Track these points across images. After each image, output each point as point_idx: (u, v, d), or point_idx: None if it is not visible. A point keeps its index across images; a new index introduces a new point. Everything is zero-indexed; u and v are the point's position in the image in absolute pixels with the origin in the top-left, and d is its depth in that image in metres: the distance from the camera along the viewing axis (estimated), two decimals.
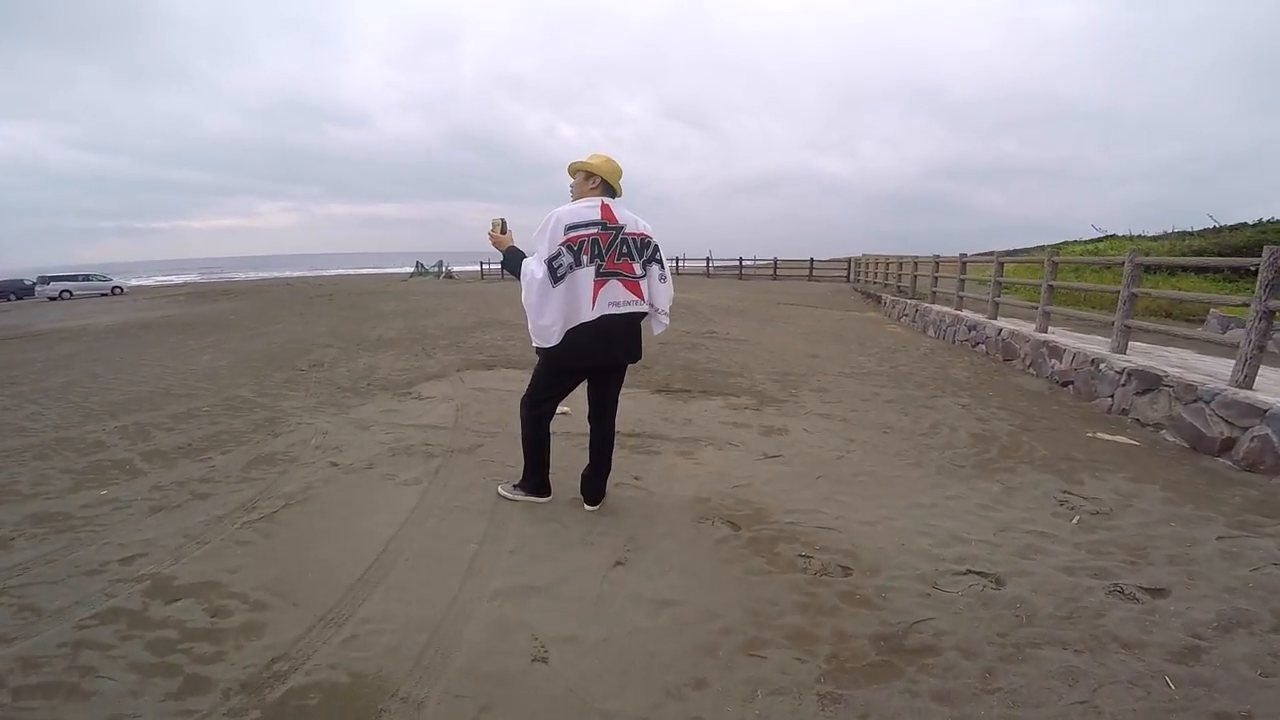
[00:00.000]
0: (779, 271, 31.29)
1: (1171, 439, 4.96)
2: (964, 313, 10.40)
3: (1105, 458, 4.34)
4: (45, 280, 34.01)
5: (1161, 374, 5.28)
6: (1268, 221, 18.19)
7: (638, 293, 2.97)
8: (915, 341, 9.78)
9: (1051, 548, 2.95)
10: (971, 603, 2.47)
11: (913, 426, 4.85)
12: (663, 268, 3.06)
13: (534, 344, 2.92)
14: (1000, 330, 8.42)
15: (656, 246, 3.03)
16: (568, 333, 2.84)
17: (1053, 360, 6.99)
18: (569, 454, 3.86)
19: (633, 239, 2.92)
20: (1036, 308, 8.53)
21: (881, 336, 10.27)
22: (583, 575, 2.63)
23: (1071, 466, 4.12)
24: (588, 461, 3.22)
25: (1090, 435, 4.93)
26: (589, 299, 2.82)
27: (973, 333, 9.35)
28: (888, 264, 20.42)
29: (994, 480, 3.83)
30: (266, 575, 2.65)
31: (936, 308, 11.38)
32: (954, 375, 6.92)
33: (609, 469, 3.24)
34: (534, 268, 2.80)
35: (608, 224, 2.85)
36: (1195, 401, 4.85)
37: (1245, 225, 18.90)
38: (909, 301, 13.32)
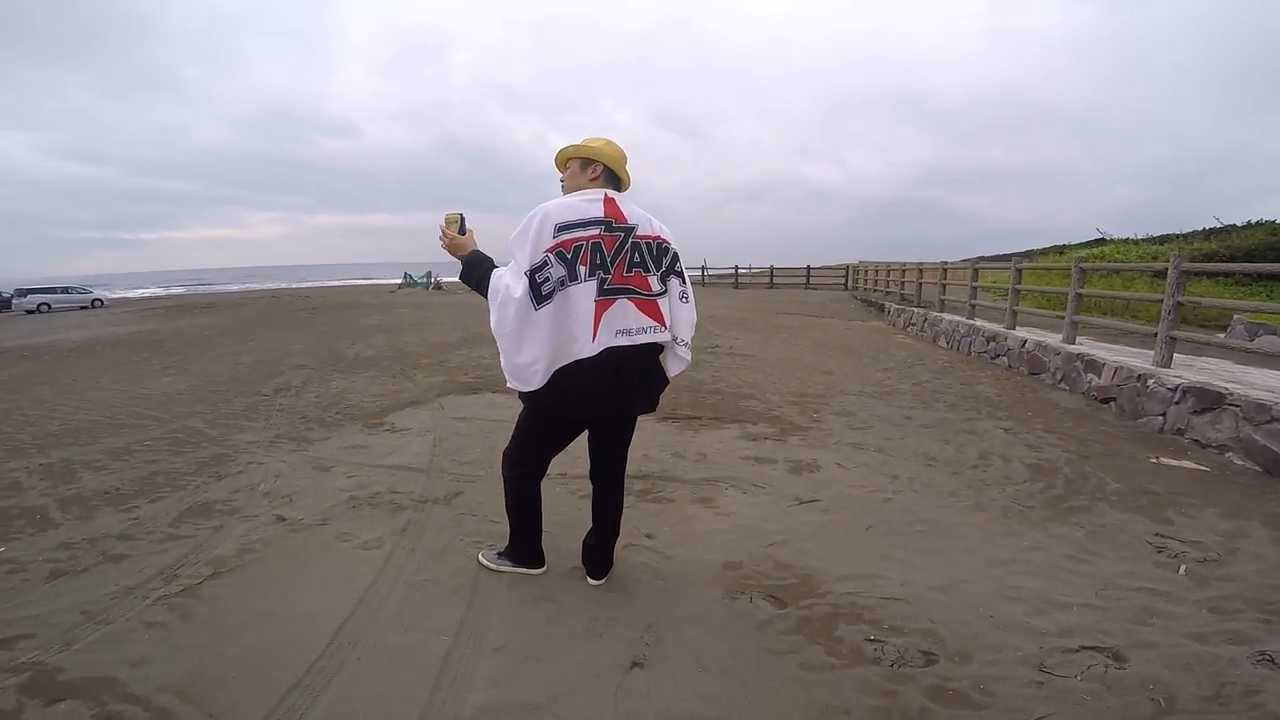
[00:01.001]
0: (775, 279, 30.78)
1: (1240, 462, 4.42)
2: (978, 322, 9.86)
3: (1183, 489, 3.80)
4: (23, 293, 32.95)
5: (1223, 391, 4.73)
6: (1267, 222, 18.10)
7: (656, 316, 2.26)
8: (929, 354, 9.22)
9: (1168, 608, 2.44)
10: (1095, 689, 1.97)
11: (959, 457, 4.24)
12: (684, 283, 2.38)
13: (509, 385, 2.22)
14: (1025, 342, 7.86)
15: (676, 255, 2.35)
16: (557, 372, 2.15)
17: (1089, 375, 6.42)
18: (565, 505, 3.23)
19: (646, 243, 2.24)
20: (1057, 316, 8.04)
21: (893, 348, 9.70)
22: (591, 684, 1.99)
23: (1152, 502, 3.57)
24: (591, 524, 2.57)
25: (1154, 461, 4.37)
26: (588, 325, 2.12)
27: (992, 344, 8.79)
28: (889, 271, 19.91)
29: (1072, 524, 3.26)
30: (178, 672, 2.04)
31: (948, 317, 10.84)
32: (983, 393, 6.34)
33: (617, 535, 2.59)
34: (509, 282, 2.10)
35: (614, 223, 2.17)
36: (1269, 422, 4.31)
37: (1235, 226, 18.79)
38: (915, 310, 12.79)
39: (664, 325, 2.29)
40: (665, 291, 2.31)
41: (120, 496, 3.65)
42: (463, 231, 2.32)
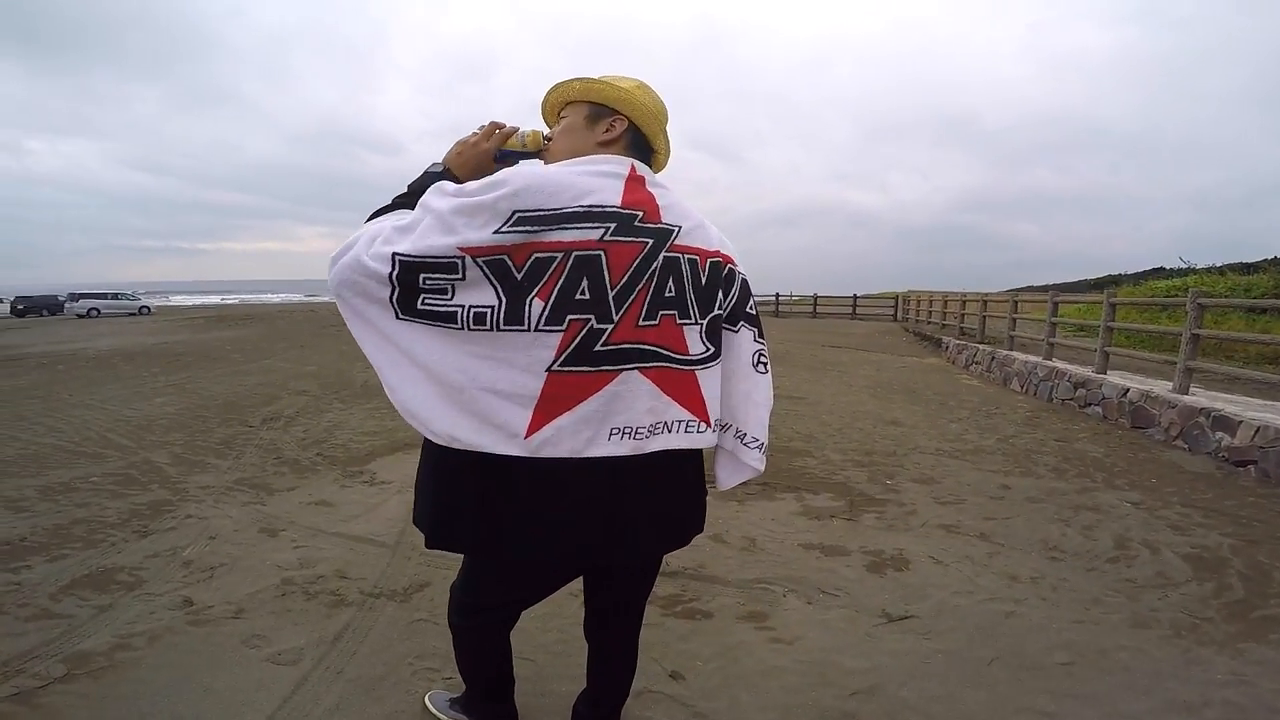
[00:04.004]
0: (819, 308, 29.61)
1: None
2: (1059, 363, 8.71)
3: None
4: (75, 297, 33.98)
5: None
6: None
7: (690, 400, 1.27)
8: (1005, 399, 8.11)
9: None
10: None
11: (1089, 546, 3.23)
12: (761, 337, 1.41)
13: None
14: (1126, 391, 6.72)
15: (747, 284, 1.38)
16: (481, 468, 1.18)
17: (1219, 433, 5.30)
18: (558, 616, 2.32)
19: (691, 261, 1.25)
20: (1168, 362, 6.90)
21: (960, 392, 8.60)
22: None
23: None
24: (585, 682, 1.67)
25: None
26: (520, 403, 1.13)
27: (1080, 390, 7.64)
28: (945, 301, 18.64)
29: (1272, 642, 2.34)
30: None
31: (1021, 356, 9.68)
32: (1086, 452, 5.27)
33: (623, 699, 1.67)
34: (374, 234, 1.16)
35: (640, 219, 1.18)
36: None
37: None
38: (980, 347, 11.61)
39: (705, 419, 1.29)
40: (715, 355, 1.31)
41: (19, 549, 2.93)
42: (510, 158, 1.35)
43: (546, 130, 1.39)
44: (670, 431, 1.24)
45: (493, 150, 1.34)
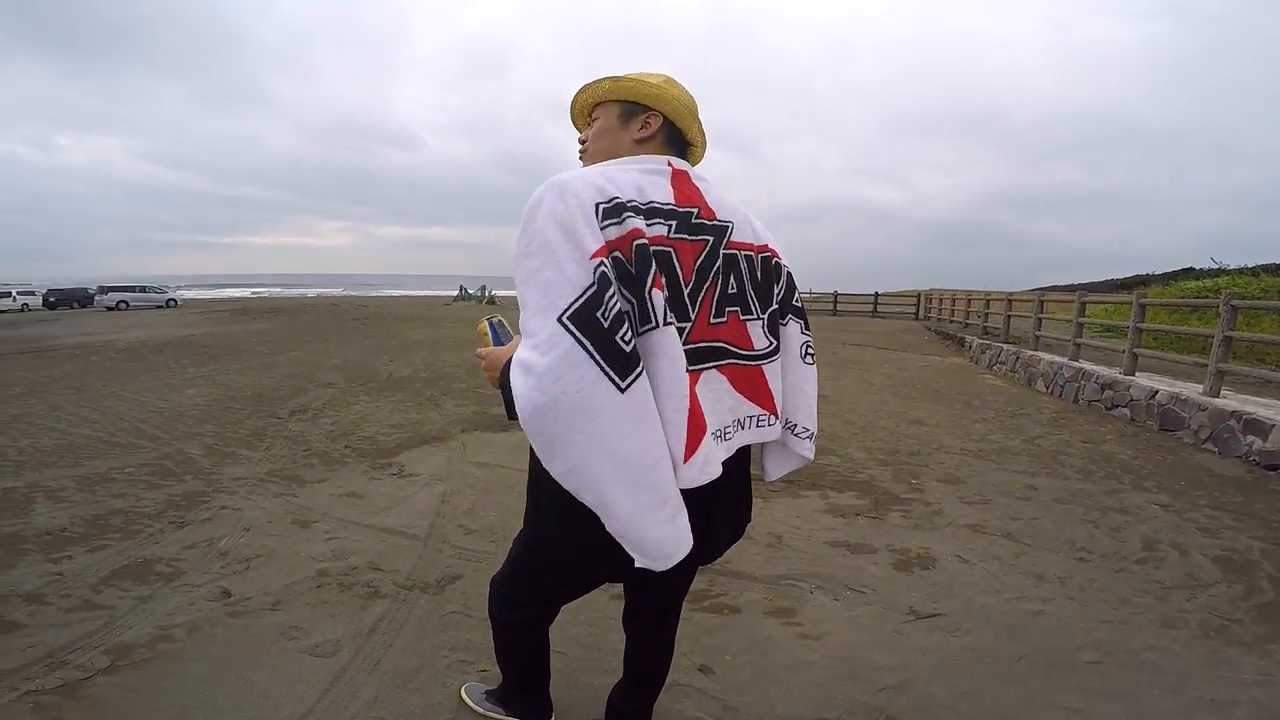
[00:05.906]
0: (839, 306, 29.38)
1: None
2: (1085, 364, 8.59)
3: None
4: (104, 290, 34.84)
5: None
6: None
7: (762, 396, 1.29)
8: (1030, 400, 8.02)
9: None
10: None
11: (1116, 547, 3.20)
12: (807, 329, 1.41)
13: (641, 562, 1.08)
14: (1154, 393, 6.62)
15: (792, 277, 1.40)
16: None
17: (1250, 437, 5.22)
18: (590, 609, 2.33)
19: (747, 257, 1.28)
20: (1198, 364, 6.78)
21: (984, 392, 8.52)
22: None
23: None
24: (621, 673, 1.69)
25: None
26: (679, 423, 1.06)
27: (1107, 392, 7.54)
28: (969, 300, 18.42)
29: None
30: None
31: (1047, 357, 9.56)
32: (1114, 454, 5.20)
33: (658, 690, 1.69)
34: (549, 363, 0.97)
35: (697, 215, 1.18)
36: None
37: None
38: (1005, 347, 11.48)
39: (774, 412, 1.32)
40: (776, 350, 1.34)
41: (60, 540, 3.01)
42: (501, 340, 1.31)
43: (484, 320, 1.35)
44: (744, 428, 1.28)
45: (487, 340, 1.31)
